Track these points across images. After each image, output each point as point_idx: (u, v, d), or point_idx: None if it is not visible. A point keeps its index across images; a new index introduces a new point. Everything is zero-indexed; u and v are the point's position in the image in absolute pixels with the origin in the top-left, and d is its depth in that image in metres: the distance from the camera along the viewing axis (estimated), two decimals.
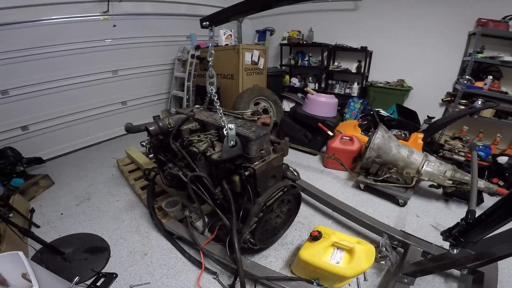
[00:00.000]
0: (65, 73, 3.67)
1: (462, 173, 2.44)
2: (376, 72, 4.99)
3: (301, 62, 5.49)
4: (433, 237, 2.17)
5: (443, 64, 4.24)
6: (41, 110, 3.59)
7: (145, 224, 2.34)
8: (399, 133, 3.56)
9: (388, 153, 2.58)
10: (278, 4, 1.36)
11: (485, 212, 1.12)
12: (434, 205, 2.66)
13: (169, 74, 5.01)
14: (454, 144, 3.15)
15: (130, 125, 2.01)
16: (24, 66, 3.30)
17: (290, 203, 2.00)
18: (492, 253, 1.24)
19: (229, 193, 1.71)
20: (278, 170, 1.82)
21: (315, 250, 1.63)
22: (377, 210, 2.55)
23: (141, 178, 2.81)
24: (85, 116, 4.07)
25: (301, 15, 5.47)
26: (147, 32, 4.44)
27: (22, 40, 3.21)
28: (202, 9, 5.03)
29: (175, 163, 1.94)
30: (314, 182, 2.76)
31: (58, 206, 2.64)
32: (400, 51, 4.60)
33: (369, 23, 4.76)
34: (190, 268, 1.90)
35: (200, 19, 1.68)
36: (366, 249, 1.62)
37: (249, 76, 4.38)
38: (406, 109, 4.15)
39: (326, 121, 3.47)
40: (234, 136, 1.54)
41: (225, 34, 4.49)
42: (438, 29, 4.12)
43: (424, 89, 4.50)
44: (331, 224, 2.36)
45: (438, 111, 4.46)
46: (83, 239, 2.15)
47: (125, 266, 1.92)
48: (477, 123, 3.70)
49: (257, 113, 2.11)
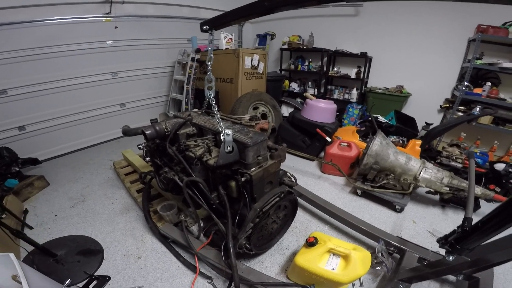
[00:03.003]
0: (65, 74, 3.66)
1: (459, 179, 2.45)
2: (375, 78, 5.02)
3: (301, 67, 5.52)
4: (430, 243, 2.17)
5: (442, 70, 4.26)
6: (39, 110, 3.57)
7: (140, 227, 2.33)
8: (397, 139, 3.57)
9: (386, 159, 2.58)
10: (279, 10, 1.36)
11: (482, 219, 1.12)
12: (430, 211, 2.66)
13: (169, 77, 5.01)
14: (452, 151, 3.15)
15: (127, 128, 2.01)
16: (24, 66, 3.29)
17: (287, 208, 1.99)
18: (488, 259, 1.24)
19: (225, 199, 1.70)
20: (275, 176, 1.81)
21: (311, 256, 1.63)
22: (374, 216, 2.54)
23: (137, 181, 2.80)
24: (83, 117, 4.05)
25: (302, 20, 5.51)
26: (149, 34, 4.44)
27: (23, 40, 3.21)
28: (204, 12, 5.04)
29: (171, 167, 1.93)
30: (312, 187, 2.76)
31: (52, 207, 2.62)
32: (400, 57, 4.63)
33: (370, 29, 4.79)
34: (184, 272, 1.88)
35: (200, 22, 1.68)
36: (362, 256, 1.62)
37: (248, 80, 4.39)
38: (405, 116, 4.17)
39: (325, 127, 3.47)
40: (231, 141, 1.53)
41: (225, 38, 4.51)
42: (438, 35, 4.15)
43: (423, 96, 4.52)
44: (328, 229, 2.35)
45: (436, 117, 4.47)
46: (76, 241, 2.12)
47: (118, 269, 1.90)
48: (475, 130, 3.72)
49: (255, 118, 2.11)
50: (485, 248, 1.24)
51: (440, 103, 4.35)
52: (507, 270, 1.90)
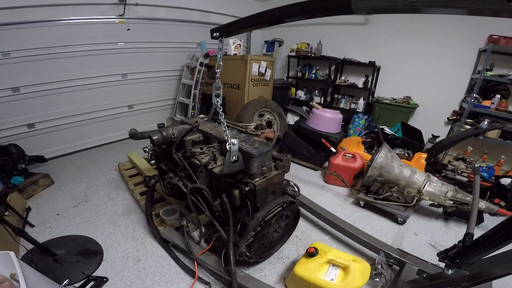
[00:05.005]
0: (76, 74, 3.73)
1: (464, 193, 2.42)
2: (383, 88, 5.00)
3: (308, 75, 5.51)
4: (430, 255, 2.16)
5: (451, 81, 4.22)
6: (49, 109, 3.64)
7: (141, 230, 2.34)
8: (402, 152, 3.54)
9: (390, 172, 2.56)
10: (289, 20, 1.37)
11: (484, 234, 1.13)
12: (433, 223, 2.63)
13: (177, 81, 5.06)
14: (458, 165, 3.12)
15: (135, 132, 2.02)
16: (37, 65, 3.37)
17: (289, 218, 1.99)
18: (487, 273, 1.23)
19: (228, 206, 1.70)
20: (279, 186, 1.81)
21: (310, 266, 1.63)
22: (375, 228, 2.52)
23: (141, 183, 2.81)
24: (91, 117, 4.11)
25: (310, 27, 5.51)
26: (159, 37, 4.51)
27: (38, 39, 3.29)
28: (214, 17, 5.11)
29: (176, 172, 1.95)
30: (314, 197, 2.75)
31: (55, 206, 2.64)
32: (408, 67, 4.60)
33: (379, 38, 4.78)
34: (183, 277, 1.88)
35: (210, 29, 1.71)
36: (361, 267, 1.63)
37: (255, 87, 4.41)
38: (411, 128, 4.14)
39: (330, 137, 3.45)
40: (236, 151, 1.53)
41: (234, 44, 4.54)
42: (448, 45, 4.11)
43: (430, 107, 4.48)
44: (328, 240, 2.34)
45: (443, 129, 4.42)
46: (76, 241, 2.14)
47: (116, 271, 1.91)
48: (482, 143, 3.67)
49: (260, 127, 2.11)
50: (484, 262, 1.24)
51: (448, 115, 4.30)
52: (506, 283, 1.86)
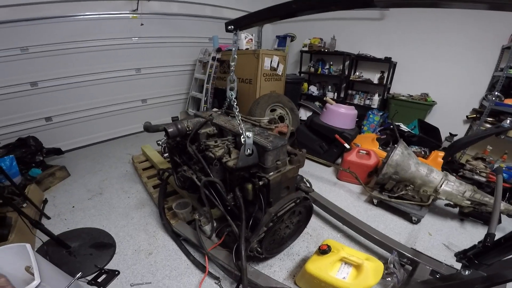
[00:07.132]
0: (91, 69, 3.81)
1: (482, 194, 2.34)
2: (399, 85, 4.87)
3: (321, 70, 5.43)
4: (444, 256, 2.10)
5: (471, 78, 4.07)
6: (66, 102, 3.74)
7: (153, 223, 2.36)
8: (419, 150, 3.45)
9: (406, 170, 2.50)
10: (305, 13, 1.35)
11: (506, 235, 1.10)
12: (448, 223, 2.56)
13: (190, 75, 5.08)
14: (476, 164, 3.00)
15: (149, 124, 2.03)
16: (54, 60, 3.45)
17: (301, 214, 1.96)
18: (503, 275, 1.19)
19: (241, 201, 1.69)
20: (293, 182, 1.79)
21: (322, 263, 1.61)
22: (388, 226, 2.47)
23: (154, 176, 2.84)
24: (106, 111, 4.19)
25: (324, 22, 5.42)
26: (172, 32, 4.54)
27: (56, 34, 3.37)
28: (226, 12, 5.09)
29: (190, 166, 1.94)
30: (326, 194, 2.72)
31: (71, 198, 2.70)
32: (426, 64, 4.46)
33: (395, 34, 4.65)
34: (193, 271, 1.89)
35: (225, 22, 1.70)
36: (374, 266, 1.59)
37: (267, 81, 4.37)
38: (428, 125, 4.02)
39: (344, 133, 3.39)
40: (251, 144, 1.51)
41: (246, 38, 4.51)
42: (468, 42, 3.96)
43: (449, 105, 4.34)
44: (340, 237, 2.30)
45: (461, 128, 4.28)
46: (90, 234, 2.18)
47: (128, 264, 1.94)
48: (502, 143, 3.53)
49: (274, 121, 2.09)
50: (500, 264, 1.20)
51: (467, 113, 4.14)
52: None
